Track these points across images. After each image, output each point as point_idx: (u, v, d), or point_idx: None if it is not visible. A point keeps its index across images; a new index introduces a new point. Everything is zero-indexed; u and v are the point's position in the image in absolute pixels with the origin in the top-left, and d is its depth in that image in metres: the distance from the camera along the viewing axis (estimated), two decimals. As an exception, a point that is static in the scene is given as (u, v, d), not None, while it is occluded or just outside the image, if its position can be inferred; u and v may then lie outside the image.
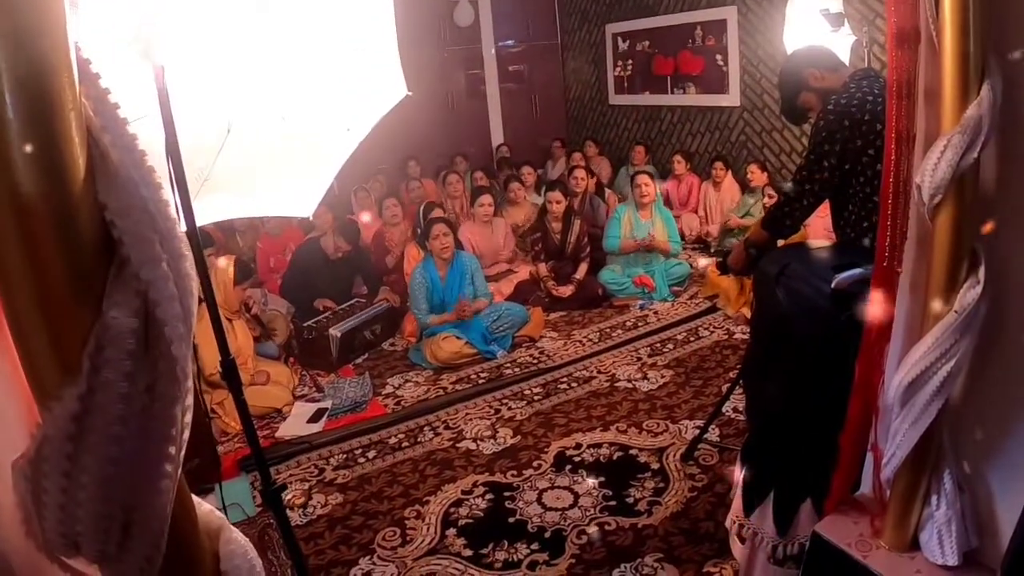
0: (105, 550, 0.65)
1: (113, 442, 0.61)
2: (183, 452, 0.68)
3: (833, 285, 2.19)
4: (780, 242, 3.08)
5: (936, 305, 1.62)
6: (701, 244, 7.85)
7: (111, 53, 1.47)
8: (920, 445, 1.74)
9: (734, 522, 2.69)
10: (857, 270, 2.17)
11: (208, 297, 1.98)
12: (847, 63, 3.83)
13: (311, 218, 2.15)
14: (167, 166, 1.60)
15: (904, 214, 1.70)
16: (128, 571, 0.67)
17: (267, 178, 2.04)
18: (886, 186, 1.69)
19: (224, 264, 4.73)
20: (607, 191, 8.14)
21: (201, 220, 2.10)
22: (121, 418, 0.60)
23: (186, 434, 0.68)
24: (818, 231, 6.04)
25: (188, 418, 0.68)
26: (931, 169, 1.49)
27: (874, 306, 1.86)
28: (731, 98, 8.46)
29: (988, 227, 1.58)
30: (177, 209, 1.65)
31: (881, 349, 1.88)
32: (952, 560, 1.79)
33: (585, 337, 5.73)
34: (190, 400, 0.67)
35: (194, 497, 0.79)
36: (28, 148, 0.55)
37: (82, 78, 0.60)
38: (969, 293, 1.59)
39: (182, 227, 1.54)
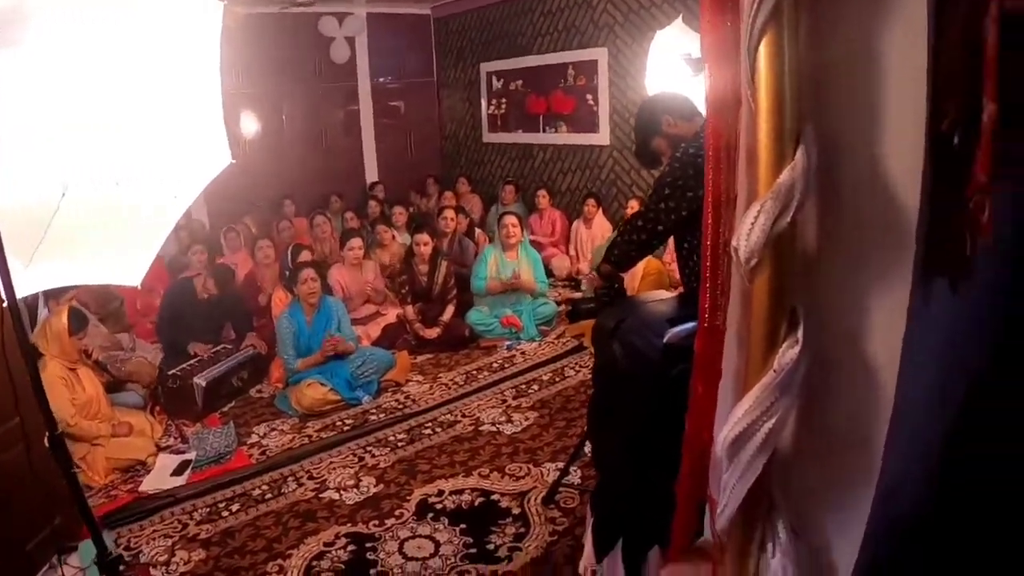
0: None
1: None
2: None
3: (665, 339, 2.21)
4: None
5: (757, 364, 1.66)
6: (572, 282, 7.94)
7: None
8: (750, 497, 1.77)
9: (586, 568, 2.69)
10: (691, 324, 2.20)
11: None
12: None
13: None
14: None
15: (726, 273, 1.74)
16: None
17: (98, 245, 1.96)
18: (704, 248, 1.72)
19: (57, 314, 4.51)
20: (477, 231, 8.18)
21: (33, 288, 2.00)
22: None
23: None
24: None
25: None
26: (746, 233, 1.53)
27: (699, 364, 1.89)
28: (601, 137, 8.67)
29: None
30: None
31: (710, 404, 1.91)
32: (791, 606, 1.83)
33: (451, 380, 5.71)
34: None
35: None
36: None
37: None
38: (788, 353, 1.62)
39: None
